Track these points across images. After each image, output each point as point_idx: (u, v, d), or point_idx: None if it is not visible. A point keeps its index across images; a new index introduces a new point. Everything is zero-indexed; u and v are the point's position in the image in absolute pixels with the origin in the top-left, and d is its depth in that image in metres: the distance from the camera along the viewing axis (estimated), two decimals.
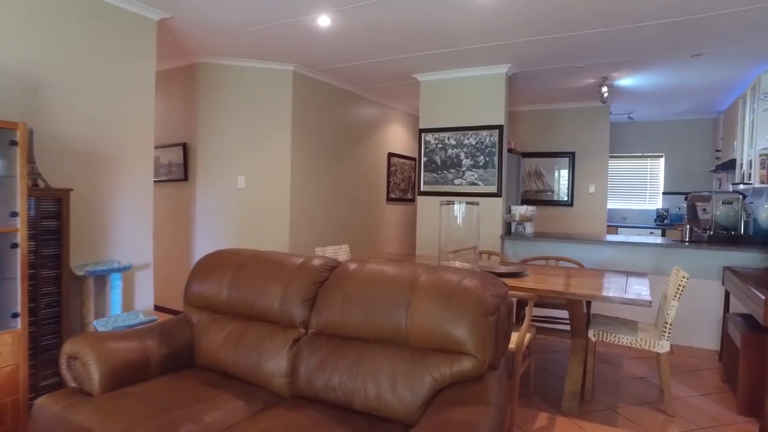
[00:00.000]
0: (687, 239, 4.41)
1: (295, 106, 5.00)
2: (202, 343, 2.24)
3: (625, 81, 5.27)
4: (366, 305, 1.92)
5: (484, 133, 4.82)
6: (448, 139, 5.01)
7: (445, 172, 5.03)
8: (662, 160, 7.43)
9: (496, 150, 4.76)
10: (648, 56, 4.37)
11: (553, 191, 6.71)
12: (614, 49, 4.17)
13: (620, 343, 2.96)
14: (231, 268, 2.34)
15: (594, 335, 3.02)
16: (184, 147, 4.82)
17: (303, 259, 2.32)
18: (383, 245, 6.73)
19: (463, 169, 4.92)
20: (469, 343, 1.70)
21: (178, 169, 4.89)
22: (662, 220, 7.19)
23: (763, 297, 2.65)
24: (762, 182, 4.58)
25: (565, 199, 6.64)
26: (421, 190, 5.19)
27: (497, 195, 4.76)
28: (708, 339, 4.23)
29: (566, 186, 6.63)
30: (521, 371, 2.75)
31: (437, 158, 5.08)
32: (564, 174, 6.66)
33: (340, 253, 4.12)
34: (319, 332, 2.06)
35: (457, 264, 3.48)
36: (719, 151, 6.61)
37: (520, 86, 5.60)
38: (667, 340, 2.87)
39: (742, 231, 4.46)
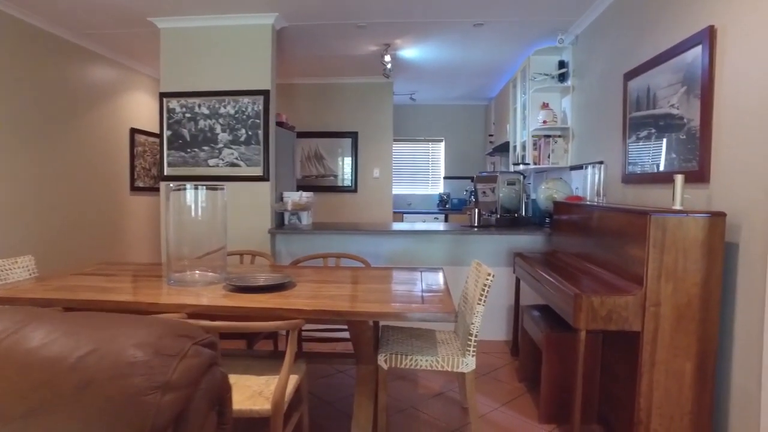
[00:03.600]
0: (476, 224, 4.04)
1: None
2: None
3: (409, 52, 4.75)
4: None
5: (246, 100, 3.73)
6: (200, 107, 3.79)
7: (196, 150, 3.80)
8: (442, 144, 7.36)
9: (260, 121, 3.72)
10: (432, 18, 3.84)
11: (335, 176, 5.97)
12: (397, 3, 3.51)
13: (418, 367, 2.24)
14: None
15: (386, 361, 2.24)
16: None
17: None
18: (126, 250, 5.15)
19: (220, 145, 3.76)
20: None
21: None
22: (444, 205, 7.11)
23: (572, 293, 2.18)
24: (535, 163, 4.54)
25: (349, 184, 5.97)
26: (165, 174, 3.85)
27: (264, 179, 3.74)
28: (498, 330, 3.92)
29: (350, 170, 5.97)
30: None
31: (185, 132, 3.82)
32: (347, 158, 5.99)
33: (15, 270, 2.63)
34: None
35: (197, 275, 2.38)
36: (492, 135, 6.73)
37: (294, 48, 4.67)
38: (473, 356, 2.24)
39: (524, 213, 4.30)
